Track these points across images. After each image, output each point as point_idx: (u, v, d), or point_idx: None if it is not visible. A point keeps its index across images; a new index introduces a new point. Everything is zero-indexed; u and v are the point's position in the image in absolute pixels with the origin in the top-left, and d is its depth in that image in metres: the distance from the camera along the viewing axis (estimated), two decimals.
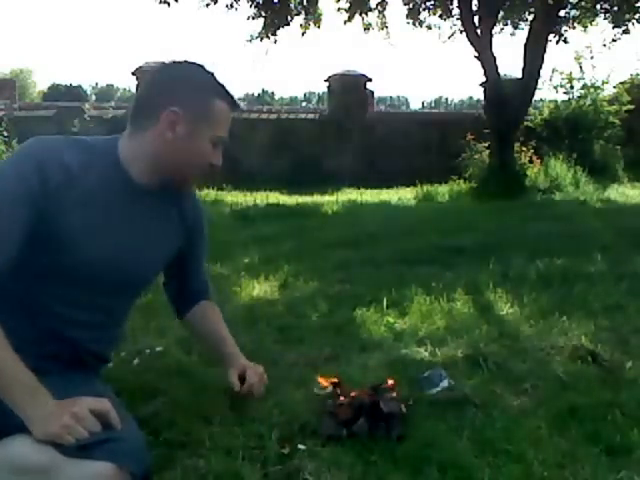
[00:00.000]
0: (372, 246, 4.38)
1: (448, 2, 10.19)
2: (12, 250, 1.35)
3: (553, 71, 10.80)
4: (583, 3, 10.18)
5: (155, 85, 1.55)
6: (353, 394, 1.71)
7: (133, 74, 10.53)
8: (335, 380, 1.81)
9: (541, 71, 8.77)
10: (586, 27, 10.70)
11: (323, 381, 1.81)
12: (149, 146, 1.51)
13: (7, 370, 1.26)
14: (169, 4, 9.27)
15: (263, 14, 9.99)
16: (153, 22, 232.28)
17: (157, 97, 1.52)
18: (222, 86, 1.56)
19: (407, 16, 10.60)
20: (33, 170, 1.38)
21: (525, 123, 9.63)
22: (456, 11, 9.93)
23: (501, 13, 9.84)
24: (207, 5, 9.69)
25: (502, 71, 8.98)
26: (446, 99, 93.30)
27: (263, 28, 10.12)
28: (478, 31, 8.80)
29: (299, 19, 10.20)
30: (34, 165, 1.39)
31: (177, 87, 1.52)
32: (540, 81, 9.09)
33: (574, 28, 10.74)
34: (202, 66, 1.60)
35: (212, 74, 1.57)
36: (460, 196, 8.30)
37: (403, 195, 8.66)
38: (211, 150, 1.55)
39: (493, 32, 8.97)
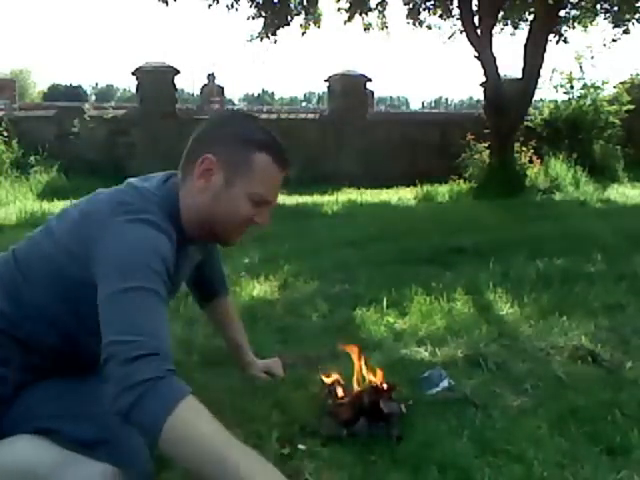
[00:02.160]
0: (372, 246, 4.38)
1: (448, 2, 10.21)
2: None
3: (553, 71, 10.81)
4: (583, 3, 10.19)
5: (200, 132, 1.44)
6: (353, 394, 1.71)
7: (133, 74, 10.50)
8: (335, 379, 1.82)
9: (541, 71, 8.77)
10: (586, 27, 10.72)
11: (325, 378, 1.81)
12: (189, 196, 1.41)
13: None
14: (167, 3, 9.27)
15: (263, 14, 10.00)
16: (153, 22, 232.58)
17: (198, 144, 1.42)
18: (275, 142, 1.41)
19: (407, 16, 10.63)
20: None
21: (525, 123, 9.63)
22: (456, 11, 9.95)
23: (501, 13, 9.85)
24: (209, 6, 9.69)
25: (502, 71, 9.01)
26: (446, 99, 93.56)
27: (263, 28, 10.13)
28: (478, 31, 8.81)
29: (299, 19, 10.25)
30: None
31: (219, 134, 1.42)
32: (540, 81, 9.09)
33: (574, 28, 10.76)
34: (256, 118, 1.50)
35: (266, 130, 1.43)
36: (460, 196, 8.30)
37: (403, 195, 8.66)
38: (249, 208, 1.40)
39: (493, 32, 8.97)
